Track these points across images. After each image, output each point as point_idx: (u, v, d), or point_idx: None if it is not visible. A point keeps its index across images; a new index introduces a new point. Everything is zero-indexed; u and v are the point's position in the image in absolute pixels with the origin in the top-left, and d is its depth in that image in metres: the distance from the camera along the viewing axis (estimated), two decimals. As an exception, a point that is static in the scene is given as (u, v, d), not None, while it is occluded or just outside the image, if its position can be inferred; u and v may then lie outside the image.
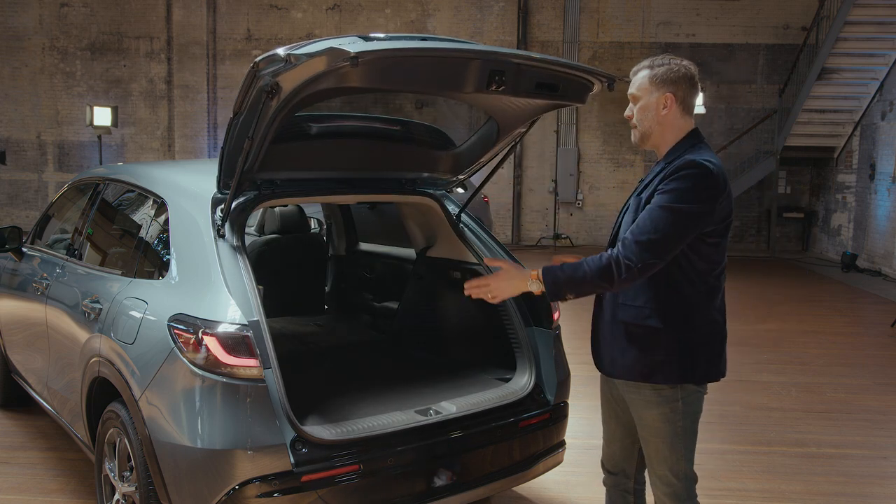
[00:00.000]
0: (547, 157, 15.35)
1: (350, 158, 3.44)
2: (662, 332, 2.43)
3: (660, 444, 2.51)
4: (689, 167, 2.36)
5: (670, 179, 2.36)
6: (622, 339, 2.49)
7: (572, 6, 14.86)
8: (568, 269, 2.41)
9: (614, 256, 2.35)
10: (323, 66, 2.38)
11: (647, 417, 2.51)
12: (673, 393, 2.46)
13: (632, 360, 2.48)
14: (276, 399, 2.62)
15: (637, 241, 2.33)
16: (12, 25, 15.50)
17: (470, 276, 3.66)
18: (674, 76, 2.45)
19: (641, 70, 2.51)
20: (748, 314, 8.55)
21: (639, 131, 2.52)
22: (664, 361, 2.44)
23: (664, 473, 2.53)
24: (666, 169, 2.42)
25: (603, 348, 2.58)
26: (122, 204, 3.91)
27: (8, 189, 15.86)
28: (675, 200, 2.33)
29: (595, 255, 2.40)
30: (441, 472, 2.88)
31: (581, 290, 2.42)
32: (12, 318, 4.49)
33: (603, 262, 2.37)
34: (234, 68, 15.32)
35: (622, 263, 2.33)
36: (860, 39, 12.23)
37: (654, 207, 2.35)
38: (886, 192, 11.85)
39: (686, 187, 2.34)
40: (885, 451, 4.64)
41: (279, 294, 4.65)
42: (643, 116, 2.49)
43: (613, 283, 2.36)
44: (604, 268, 2.36)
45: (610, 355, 2.55)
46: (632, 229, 2.38)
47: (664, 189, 2.36)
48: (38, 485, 3.92)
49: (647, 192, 2.44)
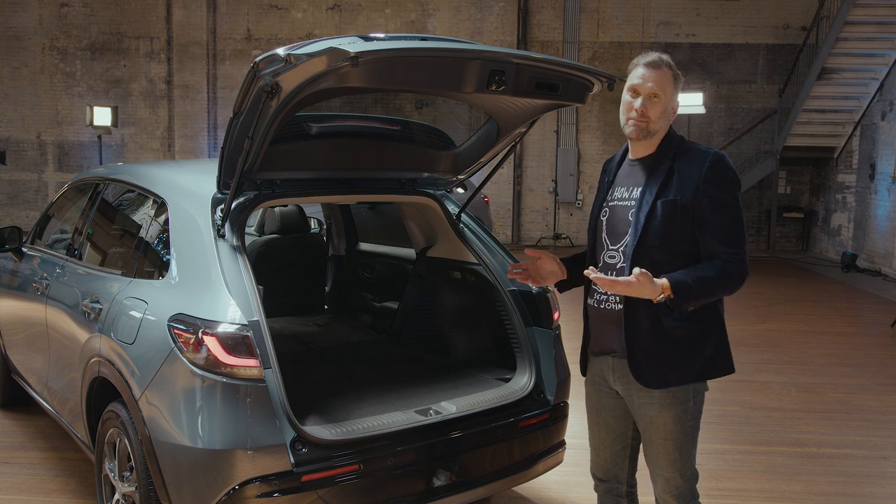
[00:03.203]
0: (547, 157, 15.35)
1: (350, 158, 3.44)
2: (710, 329, 2.46)
3: (670, 446, 2.48)
4: (720, 164, 2.42)
5: (716, 182, 2.39)
6: (671, 347, 2.43)
7: (572, 6, 14.86)
8: (694, 282, 2.35)
9: (733, 270, 2.36)
10: (323, 66, 2.38)
11: (660, 420, 2.47)
12: (685, 394, 2.45)
13: (688, 364, 2.44)
14: (276, 399, 2.62)
15: (740, 254, 2.38)
16: (12, 25, 15.50)
17: (470, 276, 3.68)
18: (680, 83, 2.50)
19: (664, 68, 2.42)
20: (748, 314, 8.55)
21: (647, 128, 2.44)
22: (713, 357, 2.47)
23: (672, 475, 2.51)
24: (678, 166, 2.43)
25: (649, 360, 2.44)
26: (122, 204, 3.91)
27: (8, 189, 15.86)
28: (735, 200, 2.41)
29: (706, 264, 2.39)
30: (441, 472, 2.88)
31: (703, 302, 2.41)
32: (12, 318, 4.49)
33: (722, 273, 2.36)
34: (234, 68, 15.32)
35: (743, 277, 2.38)
36: (860, 39, 12.22)
37: (728, 216, 2.39)
38: (886, 192, 11.85)
39: (733, 182, 2.43)
40: (885, 451, 4.64)
41: (279, 294, 4.65)
42: (661, 116, 2.44)
43: (729, 294, 2.42)
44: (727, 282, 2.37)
45: (658, 366, 2.44)
46: (724, 241, 2.37)
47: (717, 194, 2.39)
48: (38, 485, 3.92)
49: (678, 194, 2.39)
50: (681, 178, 2.41)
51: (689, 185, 2.39)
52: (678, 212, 2.39)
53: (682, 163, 2.43)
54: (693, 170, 2.40)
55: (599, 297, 2.54)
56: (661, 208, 2.40)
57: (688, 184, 2.39)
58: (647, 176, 2.48)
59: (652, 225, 2.41)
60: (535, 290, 3.46)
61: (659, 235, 2.40)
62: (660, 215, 2.40)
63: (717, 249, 2.38)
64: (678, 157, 2.45)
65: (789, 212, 14.71)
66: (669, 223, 2.39)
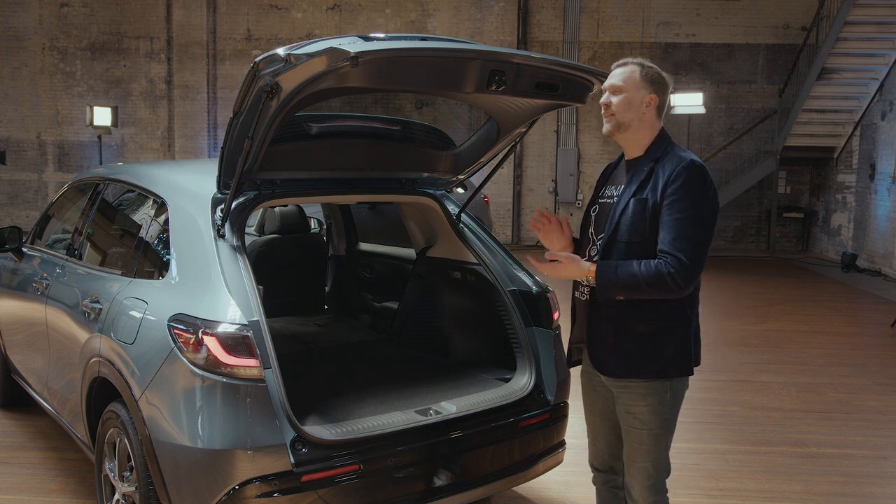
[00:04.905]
0: (547, 157, 15.35)
1: (350, 158, 3.45)
2: (671, 328, 2.49)
3: (645, 435, 2.54)
4: (691, 169, 2.42)
5: (677, 185, 2.40)
6: (632, 340, 2.50)
7: (572, 6, 14.86)
8: (623, 275, 2.40)
9: (665, 271, 2.35)
10: (323, 66, 2.39)
11: (636, 409, 2.54)
12: (662, 385, 2.52)
13: (645, 360, 2.50)
14: (276, 399, 2.62)
15: (681, 258, 2.35)
16: (12, 25, 15.51)
17: (470, 276, 3.68)
18: (661, 81, 2.54)
19: (630, 65, 2.54)
20: (748, 314, 8.54)
21: (615, 120, 2.54)
22: (674, 357, 2.50)
23: (646, 465, 2.57)
24: (659, 168, 2.48)
25: (606, 350, 2.56)
26: (122, 204, 3.91)
27: (8, 189, 15.87)
28: (693, 206, 2.39)
29: (644, 260, 2.40)
30: (441, 472, 2.88)
31: (633, 296, 2.44)
32: (12, 318, 4.49)
33: (653, 271, 2.37)
34: (234, 68, 15.32)
35: (677, 280, 2.35)
36: (860, 39, 12.22)
37: (681, 219, 2.37)
38: (886, 192, 11.85)
39: (697, 190, 2.41)
40: (885, 451, 4.64)
41: (279, 294, 4.65)
42: (626, 108, 2.52)
43: (667, 294, 2.41)
44: (657, 280, 2.37)
45: (615, 357, 2.53)
46: (668, 242, 2.38)
47: (676, 197, 2.39)
48: (38, 485, 3.92)
49: (650, 194, 2.45)
50: (656, 180, 2.48)
51: (660, 187, 2.45)
52: (647, 211, 2.45)
53: (661, 165, 2.50)
54: (667, 172, 2.46)
55: (582, 290, 2.65)
56: (633, 206, 2.48)
57: (660, 185, 2.46)
58: (632, 176, 2.56)
59: (622, 221, 2.50)
60: (534, 290, 3.47)
61: (627, 231, 2.48)
62: (630, 212, 2.48)
63: (661, 248, 2.40)
64: (661, 160, 2.51)
65: (789, 212, 14.71)
66: (637, 220, 2.46)
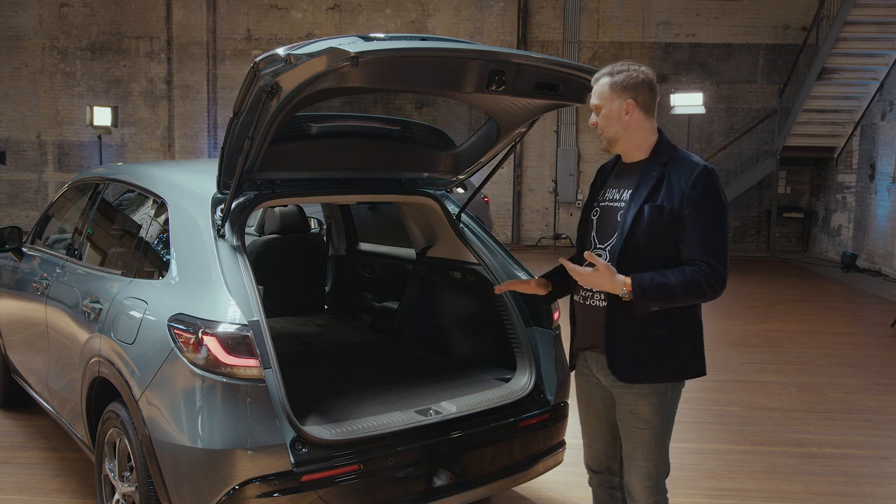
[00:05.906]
0: (547, 157, 15.35)
1: (350, 158, 3.45)
2: (687, 331, 2.52)
3: (647, 435, 2.55)
4: (708, 175, 2.45)
5: (697, 191, 2.42)
6: (652, 344, 2.50)
7: (572, 6, 14.86)
8: (660, 286, 2.41)
9: (703, 279, 2.38)
10: (323, 66, 2.39)
11: (640, 409, 2.54)
12: (665, 384, 2.53)
13: (664, 363, 2.51)
14: (276, 399, 2.62)
15: (714, 264, 2.39)
16: (12, 25, 15.51)
17: (470, 276, 3.68)
18: (633, 82, 2.50)
19: (602, 78, 2.55)
20: (748, 314, 8.54)
21: (605, 137, 2.59)
22: (688, 358, 2.53)
23: (647, 465, 2.57)
24: (671, 173, 2.48)
25: (626, 355, 2.53)
26: (122, 204, 3.91)
27: (8, 189, 15.86)
28: (715, 211, 2.42)
29: (675, 269, 2.42)
30: (441, 472, 2.88)
31: (668, 306, 2.46)
32: (12, 318, 4.49)
33: (690, 279, 2.39)
34: (234, 68, 15.32)
35: (714, 286, 2.39)
36: (860, 39, 12.22)
37: (706, 226, 2.41)
38: (886, 192, 11.85)
39: (715, 195, 2.44)
40: (885, 451, 4.64)
41: (279, 294, 4.64)
42: (608, 124, 2.55)
43: (702, 300, 2.46)
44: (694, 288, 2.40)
45: (635, 361, 2.52)
46: (699, 249, 2.40)
47: (698, 203, 2.41)
48: (38, 485, 3.92)
49: (666, 200, 2.45)
50: (669, 186, 2.47)
51: (676, 193, 2.45)
52: (664, 217, 2.45)
53: (673, 171, 2.49)
54: (682, 179, 2.46)
55: (585, 294, 2.63)
56: (648, 212, 2.47)
57: (675, 192, 2.45)
58: (639, 180, 2.54)
59: (638, 227, 2.48)
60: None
61: (644, 238, 2.47)
62: (646, 219, 2.47)
63: (692, 256, 2.43)
64: (670, 165, 2.51)
65: (789, 212, 14.71)
66: (655, 227, 2.46)
